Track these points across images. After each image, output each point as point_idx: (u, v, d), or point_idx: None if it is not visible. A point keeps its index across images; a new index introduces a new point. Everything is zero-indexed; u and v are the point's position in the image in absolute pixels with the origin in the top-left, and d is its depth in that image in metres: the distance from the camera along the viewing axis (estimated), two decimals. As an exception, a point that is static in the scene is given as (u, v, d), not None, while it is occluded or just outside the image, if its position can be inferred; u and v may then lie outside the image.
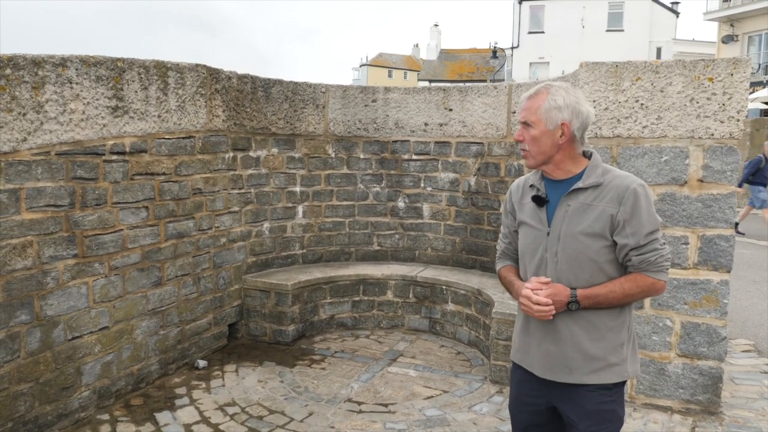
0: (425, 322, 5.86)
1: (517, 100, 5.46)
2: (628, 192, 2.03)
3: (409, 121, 6.11)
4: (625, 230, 2.03)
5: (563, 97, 2.09)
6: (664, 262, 2.08)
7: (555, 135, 2.10)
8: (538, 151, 2.13)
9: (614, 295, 2.06)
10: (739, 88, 3.85)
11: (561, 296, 2.07)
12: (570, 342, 2.12)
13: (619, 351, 2.11)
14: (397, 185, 6.26)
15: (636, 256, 2.05)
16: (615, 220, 2.04)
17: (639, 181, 2.08)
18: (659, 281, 2.08)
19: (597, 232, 2.05)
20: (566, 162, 2.14)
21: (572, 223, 2.09)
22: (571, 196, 2.11)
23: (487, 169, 5.80)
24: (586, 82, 4.17)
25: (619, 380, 2.13)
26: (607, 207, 2.05)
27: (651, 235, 2.04)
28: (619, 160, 4.14)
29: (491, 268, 5.86)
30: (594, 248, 2.07)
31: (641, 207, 2.03)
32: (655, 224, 2.06)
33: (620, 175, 2.10)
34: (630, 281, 2.07)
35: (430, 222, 6.21)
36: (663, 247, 2.08)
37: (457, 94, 5.93)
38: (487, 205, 5.84)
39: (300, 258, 6.11)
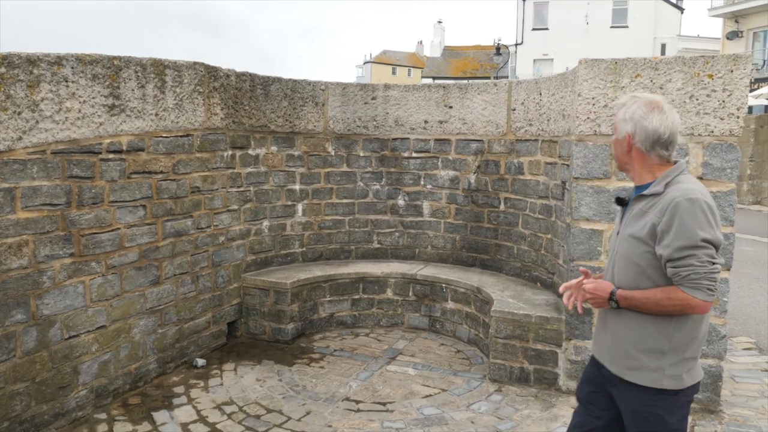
0: (425, 320, 5.85)
1: (517, 98, 5.43)
2: (672, 204, 2.09)
3: (409, 118, 6.09)
4: (663, 241, 2.10)
5: (633, 111, 2.23)
6: (702, 280, 2.05)
7: (623, 144, 2.28)
8: (615, 155, 2.37)
9: (648, 302, 2.14)
10: (739, 84, 3.82)
11: (602, 291, 2.26)
12: (616, 335, 2.28)
13: (656, 357, 2.17)
14: (397, 183, 6.24)
15: (670, 269, 2.10)
16: (657, 229, 2.12)
17: (692, 194, 2.09)
18: (693, 299, 2.06)
19: (641, 237, 2.16)
20: (640, 170, 2.28)
21: (629, 226, 2.25)
22: (636, 201, 2.26)
23: (487, 166, 5.78)
24: (585, 78, 4.14)
25: (653, 386, 2.17)
26: (654, 216, 2.14)
27: (685, 250, 2.05)
28: (619, 158, 4.10)
29: (491, 266, 5.85)
30: (637, 251, 2.18)
31: (679, 220, 2.06)
32: (693, 239, 2.04)
33: (680, 187, 2.15)
34: (664, 292, 2.12)
35: (430, 220, 6.19)
36: (703, 265, 2.05)
37: (457, 91, 5.91)
38: (487, 203, 5.82)
39: (300, 256, 6.10)
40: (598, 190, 4.18)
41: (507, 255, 5.70)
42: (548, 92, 5.00)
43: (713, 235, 2.06)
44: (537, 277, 5.33)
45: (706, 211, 2.07)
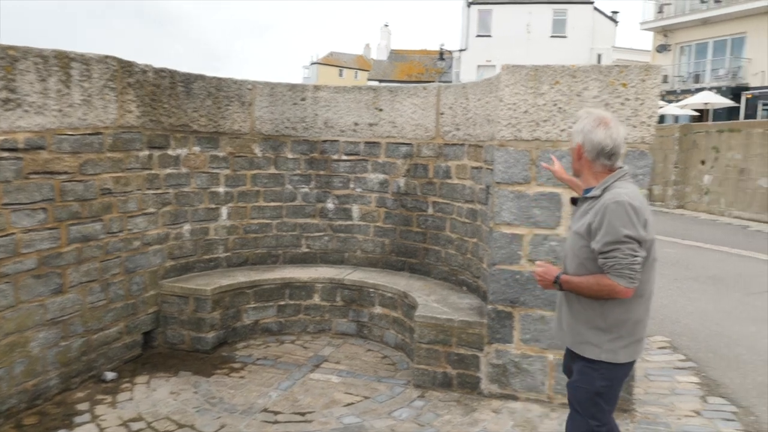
0: (353, 325, 5.75)
1: (446, 102, 5.42)
2: (603, 206, 2.50)
3: (339, 120, 5.99)
4: (596, 237, 2.51)
5: (583, 125, 2.65)
6: (624, 269, 2.44)
7: (575, 153, 2.71)
8: (573, 165, 2.76)
9: (583, 286, 2.57)
10: (650, 94, 3.90)
11: (549, 275, 2.72)
12: (566, 314, 2.75)
13: (596, 334, 2.61)
14: (326, 186, 6.13)
15: (600, 259, 2.51)
16: (592, 227, 2.54)
17: (620, 198, 2.47)
18: (618, 285, 2.46)
19: (581, 234, 2.59)
20: (587, 175, 2.69)
21: (575, 223, 2.70)
22: (582, 202, 2.72)
23: (416, 170, 5.74)
24: (507, 84, 4.15)
25: (594, 358, 2.62)
26: (591, 216, 2.55)
27: (611, 245, 2.45)
28: (537, 163, 4.13)
29: (420, 270, 5.81)
30: (578, 245, 2.62)
31: (607, 220, 2.46)
32: (618, 235, 2.43)
33: (613, 191, 2.53)
34: (595, 278, 2.53)
35: (360, 223, 6.10)
36: (625, 257, 2.44)
37: (387, 94, 5.85)
38: (416, 207, 5.78)
39: (224, 261, 5.90)
40: (518, 194, 4.19)
41: (435, 259, 5.68)
42: (475, 97, 5.01)
43: (635, 232, 2.43)
44: (463, 281, 5.32)
45: (630, 211, 2.43)
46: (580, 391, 2.70)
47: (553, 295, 4.14)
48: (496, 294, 4.31)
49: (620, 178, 2.61)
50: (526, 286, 4.23)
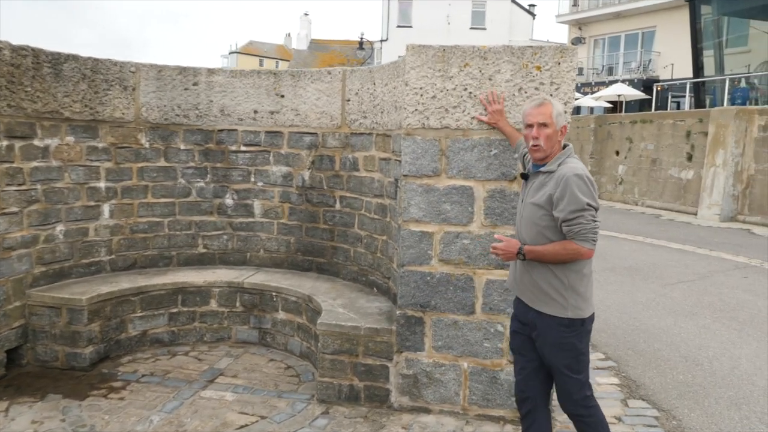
0: (254, 333, 5.25)
1: (351, 87, 4.98)
2: (564, 178, 2.72)
3: (237, 107, 5.43)
4: (559, 206, 2.72)
5: (560, 107, 2.93)
6: (588, 234, 2.71)
7: (558, 134, 2.87)
8: (549, 146, 2.84)
9: (548, 253, 2.79)
10: (566, 78, 3.61)
11: (512, 248, 2.88)
12: (531, 279, 2.91)
13: (561, 292, 2.81)
14: (224, 180, 5.56)
15: (565, 227, 2.73)
16: (553, 198, 2.75)
17: (578, 171, 2.73)
18: (582, 248, 2.73)
19: (541, 204, 2.80)
20: (554, 154, 2.87)
21: (530, 195, 2.89)
22: (536, 176, 2.92)
23: (322, 162, 5.28)
24: (412, 66, 3.76)
25: (562, 316, 2.81)
26: (550, 188, 2.77)
27: (576, 212, 2.68)
28: (448, 154, 3.78)
29: (328, 270, 5.37)
30: (538, 215, 2.83)
31: (570, 190, 2.69)
32: (581, 204, 2.67)
33: (569, 166, 2.79)
34: (560, 245, 2.76)
35: (262, 221, 5.58)
36: (588, 222, 2.69)
37: (289, 79, 5.35)
38: (322, 202, 5.32)
39: (108, 265, 5.24)
40: (427, 188, 3.82)
41: (344, 258, 5.25)
42: (382, 82, 4.60)
43: (594, 201, 2.72)
44: (373, 282, 4.93)
45: (588, 183, 2.71)
46: (565, 357, 2.85)
47: (467, 299, 3.82)
48: (406, 298, 3.94)
49: (570, 155, 2.88)
50: (438, 289, 3.88)
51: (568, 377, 2.88)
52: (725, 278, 8.04)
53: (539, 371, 3.02)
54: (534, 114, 2.87)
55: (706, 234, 11.98)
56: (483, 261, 3.80)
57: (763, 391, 4.44)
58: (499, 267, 3.80)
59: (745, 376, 4.71)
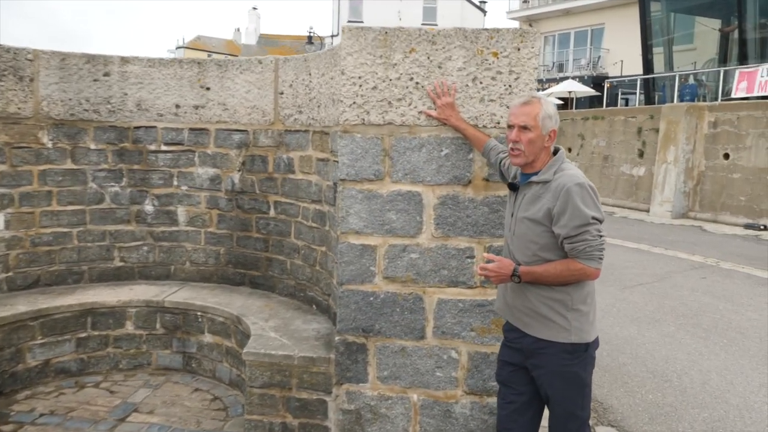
0: (178, 358, 4.61)
1: (285, 78, 4.40)
2: (564, 190, 2.35)
3: (156, 101, 4.78)
4: (559, 222, 2.37)
5: (549, 108, 2.49)
6: (594, 252, 2.35)
7: (544, 139, 2.48)
8: (532, 151, 2.47)
9: (549, 274, 2.42)
10: (527, 66, 3.13)
11: (505, 269, 2.48)
12: (526, 301, 2.52)
13: (562, 314, 2.44)
14: (142, 184, 4.89)
15: (568, 245, 2.37)
16: (552, 212, 2.39)
17: (579, 180, 2.37)
18: (589, 268, 2.37)
19: (538, 220, 2.43)
20: (543, 160, 2.50)
21: (523, 209, 2.51)
22: (527, 187, 2.52)
23: (254, 163, 4.68)
24: (349, 52, 3.21)
25: (565, 341, 2.43)
26: (548, 201, 2.40)
27: (580, 228, 2.32)
28: (393, 154, 3.24)
29: (263, 284, 4.78)
30: (535, 232, 2.46)
31: (572, 203, 2.33)
32: (585, 218, 2.32)
33: (567, 174, 2.42)
34: (563, 264, 2.40)
35: (188, 229, 4.94)
36: (594, 239, 2.34)
37: (216, 69, 4.72)
38: (254, 208, 4.72)
39: (4, 284, 4.51)
40: (369, 195, 3.28)
41: (280, 271, 4.67)
42: (318, 72, 4.04)
43: (599, 213, 2.36)
44: (312, 299, 4.37)
45: (591, 194, 2.36)
46: (567, 389, 2.48)
47: (416, 321, 3.30)
48: (346, 322, 3.39)
49: (564, 161, 2.51)
50: (383, 311, 3.35)
51: (568, 415, 2.51)
52: (684, 279, 7.80)
53: (529, 407, 2.66)
54: (516, 114, 2.50)
55: (659, 231, 11.86)
56: (434, 278, 3.29)
57: (738, 411, 4.10)
58: (453, 285, 3.29)
59: (717, 392, 4.36)
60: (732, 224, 12.78)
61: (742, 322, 6.02)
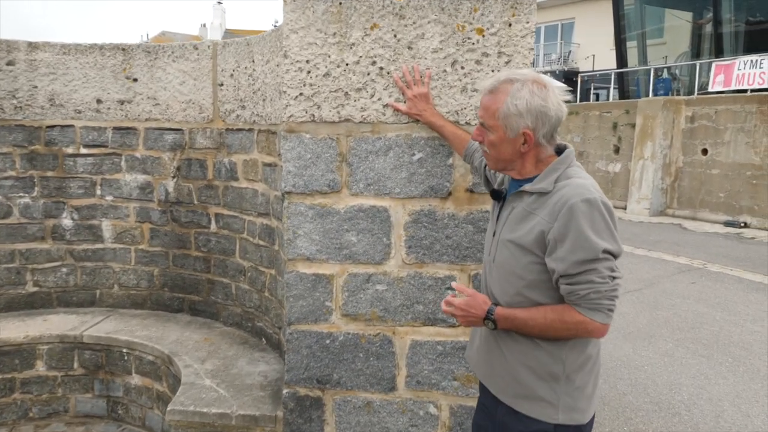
0: (101, 403, 3.86)
1: (225, 67, 3.67)
2: (566, 208, 1.65)
3: (73, 95, 4.00)
4: (556, 252, 1.67)
5: (526, 100, 1.71)
6: (602, 300, 1.65)
7: (516, 143, 1.76)
8: (497, 157, 1.83)
9: (535, 323, 1.73)
10: (520, 46, 2.47)
11: (477, 309, 1.82)
12: (502, 356, 1.85)
13: (549, 385, 1.75)
14: (59, 194, 4.12)
15: (564, 285, 1.68)
16: (546, 237, 1.69)
17: (589, 194, 1.64)
18: (592, 321, 1.66)
19: (526, 246, 1.74)
20: (528, 166, 1.81)
21: (508, 228, 1.82)
22: (518, 197, 1.82)
23: (190, 168, 3.94)
24: (293, 29, 2.50)
25: (549, 421, 1.75)
26: (543, 220, 1.70)
27: (585, 264, 1.62)
28: (352, 160, 2.55)
29: (205, 311, 4.06)
30: (522, 262, 1.76)
31: (576, 227, 1.62)
32: (594, 251, 1.61)
33: (572, 184, 1.70)
34: (556, 313, 1.70)
35: (115, 247, 4.18)
36: (604, 281, 1.63)
37: (144, 56, 3.96)
38: (193, 221, 3.99)
39: None
40: (322, 211, 2.59)
41: (224, 296, 3.95)
42: (263, 58, 3.32)
43: (615, 245, 1.64)
44: (261, 331, 3.66)
45: (605, 214, 1.63)
46: None
47: (384, 369, 2.62)
48: (297, 370, 2.70)
49: (571, 164, 1.78)
50: (342, 357, 2.66)
51: None
52: (673, 285, 7.29)
53: None
54: (481, 104, 1.81)
55: (639, 230, 11.41)
56: (406, 315, 2.62)
57: (761, 451, 3.53)
58: (430, 323, 2.62)
59: (734, 428, 3.79)
60: (712, 221, 12.42)
61: (743, 335, 5.50)
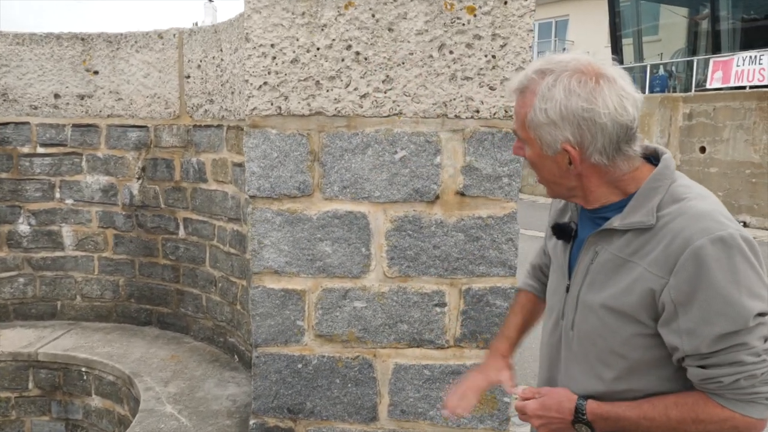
0: (59, 427, 3.52)
1: (192, 57, 3.35)
2: (687, 252, 1.05)
3: (28, 90, 3.67)
4: (677, 321, 1.08)
5: (559, 102, 1.11)
6: (760, 386, 1.06)
7: (560, 162, 1.17)
8: (544, 179, 1.24)
9: (652, 424, 1.13)
10: (517, 27, 2.15)
11: (559, 409, 1.21)
12: None
13: None
14: (14, 197, 3.78)
15: (696, 369, 1.10)
16: (658, 299, 1.09)
17: (721, 228, 1.05)
18: (743, 418, 1.08)
19: (627, 311, 1.13)
20: (598, 190, 1.19)
21: (595, 285, 1.19)
22: (602, 238, 1.20)
23: (156, 168, 3.61)
24: (256, 8, 2.17)
25: None
26: (650, 274, 1.09)
27: (729, 339, 1.05)
28: (325, 159, 2.23)
29: (174, 324, 3.73)
30: (621, 335, 1.16)
31: (710, 283, 1.04)
32: (743, 319, 1.03)
33: (689, 212, 1.09)
34: (684, 408, 1.11)
35: (77, 254, 3.84)
36: (758, 359, 1.05)
37: (105, 47, 3.63)
38: (160, 227, 3.66)
39: None
40: (292, 218, 2.27)
41: (194, 308, 3.62)
42: (231, 47, 3.00)
43: (766, 298, 1.06)
44: (234, 347, 3.34)
45: (750, 257, 1.05)
46: None
47: (364, 397, 2.31)
48: (265, 398, 2.37)
49: (676, 179, 1.17)
50: (317, 383, 2.34)
51: None
52: (674, 288, 6.99)
53: None
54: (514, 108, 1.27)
55: (637, 231, 11.13)
56: (388, 335, 2.30)
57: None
58: (416, 344, 2.31)
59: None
60: (710, 221, 12.17)
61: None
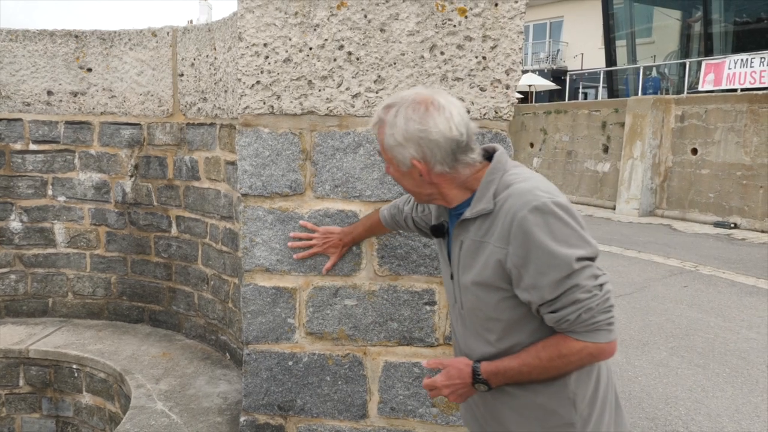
0: (50, 424, 3.53)
1: (186, 56, 3.36)
2: (515, 224, 1.34)
3: (21, 86, 3.67)
4: (523, 280, 1.36)
5: (401, 127, 1.40)
6: (598, 316, 1.33)
7: (413, 175, 1.47)
8: (408, 190, 1.56)
9: (531, 368, 1.41)
10: (507, 28, 2.17)
11: (460, 375, 1.49)
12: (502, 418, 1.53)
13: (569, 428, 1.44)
14: (6, 194, 3.78)
15: (548, 314, 1.36)
16: (505, 266, 1.38)
17: (537, 200, 1.33)
18: (595, 345, 1.35)
19: (488, 282, 1.42)
20: (452, 192, 1.49)
21: (465, 268, 1.48)
22: (462, 228, 1.48)
23: (149, 166, 3.62)
24: (249, 8, 2.19)
25: None
26: (495, 247, 1.39)
27: (562, 283, 1.31)
28: (317, 158, 2.25)
29: (166, 322, 3.74)
30: (491, 302, 1.44)
31: (535, 244, 1.32)
32: (566, 264, 1.30)
33: (515, 193, 1.38)
34: (550, 348, 1.39)
35: (69, 252, 3.85)
36: (591, 294, 1.31)
37: (99, 44, 3.63)
38: (152, 224, 3.67)
39: None
40: (283, 216, 2.28)
41: (186, 306, 3.63)
42: (224, 45, 3.01)
43: (587, 247, 1.33)
44: (225, 345, 3.35)
45: (563, 215, 1.32)
46: None
47: (354, 394, 2.32)
48: (256, 395, 2.39)
49: (506, 170, 1.43)
50: (307, 380, 2.36)
51: None
52: (665, 289, 7.05)
53: None
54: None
55: (629, 231, 11.20)
56: (379, 333, 2.32)
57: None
58: (406, 342, 2.33)
59: (735, 448, 3.54)
60: (701, 222, 12.23)
61: (739, 343, 5.26)
